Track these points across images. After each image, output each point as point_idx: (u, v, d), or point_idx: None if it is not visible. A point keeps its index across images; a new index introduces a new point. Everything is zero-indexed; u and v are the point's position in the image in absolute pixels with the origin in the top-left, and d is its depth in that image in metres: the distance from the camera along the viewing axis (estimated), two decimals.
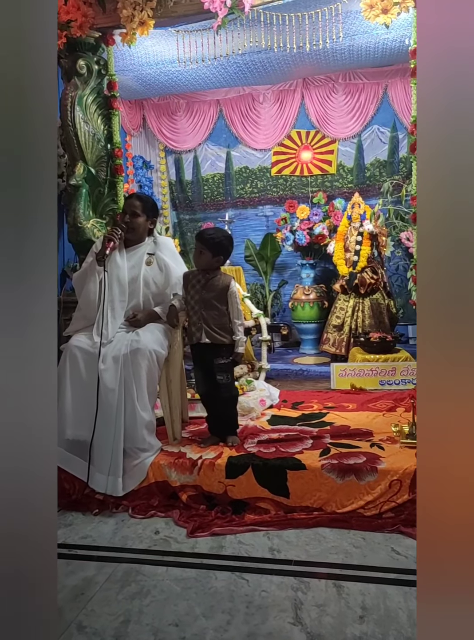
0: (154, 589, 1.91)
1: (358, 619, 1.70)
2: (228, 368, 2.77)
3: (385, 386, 4.01)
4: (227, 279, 2.76)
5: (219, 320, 2.72)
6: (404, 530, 2.23)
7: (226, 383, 2.75)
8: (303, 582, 1.91)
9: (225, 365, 2.74)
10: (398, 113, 5.71)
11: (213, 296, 2.71)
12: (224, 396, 2.79)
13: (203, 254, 2.71)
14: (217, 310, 2.71)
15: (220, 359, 2.72)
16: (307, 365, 5.08)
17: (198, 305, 2.73)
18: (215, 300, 2.71)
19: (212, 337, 2.72)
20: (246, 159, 6.35)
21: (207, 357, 2.75)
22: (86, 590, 1.91)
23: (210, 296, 2.71)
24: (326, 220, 5.68)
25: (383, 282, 4.95)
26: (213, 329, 2.71)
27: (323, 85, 5.84)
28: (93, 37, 3.66)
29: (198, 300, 2.72)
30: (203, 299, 2.71)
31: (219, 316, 2.72)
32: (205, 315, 2.71)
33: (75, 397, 2.63)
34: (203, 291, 2.72)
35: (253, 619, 1.73)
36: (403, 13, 3.20)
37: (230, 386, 2.80)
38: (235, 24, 3.59)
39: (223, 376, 2.74)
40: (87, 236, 3.63)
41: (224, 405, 2.82)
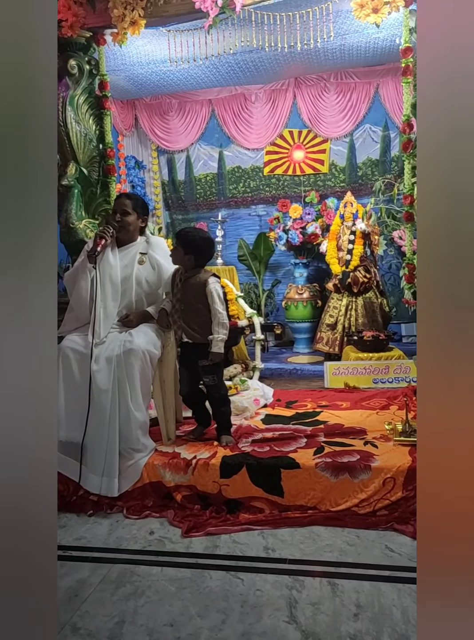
0: (149, 590, 1.91)
1: (353, 617, 1.71)
2: (214, 369, 2.72)
3: (379, 384, 4.03)
4: (205, 276, 2.71)
5: (198, 319, 2.69)
6: (398, 527, 2.24)
7: (213, 384, 2.74)
8: (298, 581, 1.92)
9: (210, 367, 2.70)
10: (390, 112, 5.72)
11: (191, 294, 2.69)
12: (214, 396, 2.79)
13: (176, 250, 2.72)
14: (195, 309, 2.68)
15: (204, 361, 2.68)
16: (301, 364, 5.09)
17: (179, 304, 2.72)
18: (193, 299, 2.69)
19: (191, 336, 2.70)
20: (238, 159, 6.35)
21: (192, 357, 2.73)
22: (80, 592, 1.91)
23: (189, 294, 2.69)
24: (318, 219, 5.69)
25: (375, 280, 4.97)
26: (193, 327, 2.69)
27: (314, 85, 5.85)
28: (84, 37, 3.65)
29: (179, 299, 2.71)
30: (183, 297, 2.69)
31: (198, 315, 2.69)
32: (185, 314, 2.70)
33: (68, 399, 2.62)
34: (183, 289, 2.70)
35: (248, 618, 1.73)
36: (393, 12, 3.21)
37: (218, 386, 2.78)
38: (227, 23, 3.58)
39: (209, 378, 2.72)
40: (79, 237, 3.61)
41: (215, 405, 2.82)
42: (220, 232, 5.29)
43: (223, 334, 2.66)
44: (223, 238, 5.32)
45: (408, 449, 2.54)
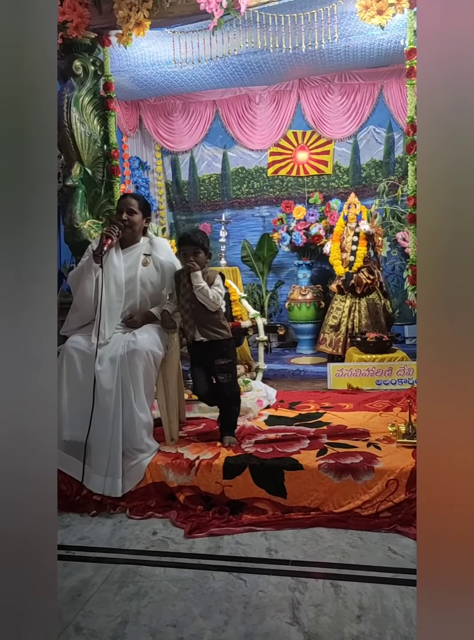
0: (152, 590, 1.91)
1: (356, 619, 1.71)
2: (229, 368, 2.78)
3: (382, 386, 4.02)
4: (212, 275, 2.76)
5: (211, 316, 2.71)
6: (401, 529, 2.24)
7: (227, 382, 2.77)
8: (301, 582, 1.92)
9: (226, 366, 2.75)
10: (394, 114, 5.72)
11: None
12: (227, 395, 2.81)
13: (198, 253, 2.73)
14: (207, 307, 2.70)
15: (221, 360, 2.73)
16: (304, 365, 5.09)
17: (188, 304, 2.73)
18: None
19: (205, 334, 2.71)
20: (242, 160, 6.35)
21: (207, 356, 2.76)
22: (83, 592, 1.91)
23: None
24: (322, 220, 5.69)
25: (379, 282, 4.96)
26: (206, 325, 2.71)
27: (318, 86, 5.86)
28: (90, 38, 3.66)
29: (189, 299, 2.72)
30: (193, 296, 2.70)
31: (210, 312, 2.71)
32: (196, 312, 2.71)
33: (72, 398, 2.63)
34: (192, 289, 2.70)
35: (250, 619, 1.73)
36: (398, 14, 3.21)
37: (232, 384, 2.82)
38: (231, 24, 3.59)
39: (224, 376, 2.76)
40: (83, 237, 3.62)
41: (227, 404, 2.84)
42: (223, 233, 5.28)
43: (213, 294, 2.66)
44: (226, 239, 5.32)
45: (411, 451, 2.54)
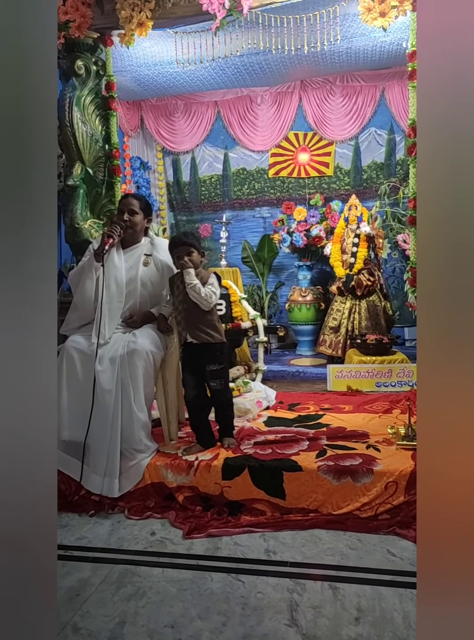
0: (150, 591, 1.91)
1: (354, 621, 1.71)
2: (221, 374, 2.72)
3: (381, 388, 4.02)
4: (206, 274, 2.73)
5: (204, 317, 2.69)
6: (400, 531, 2.24)
7: (219, 388, 2.73)
8: (299, 584, 1.92)
9: (217, 372, 2.70)
10: (395, 116, 5.72)
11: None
12: (220, 400, 2.78)
13: (192, 254, 2.71)
14: (199, 308, 2.67)
15: (212, 365, 2.68)
16: (303, 366, 5.09)
17: (182, 305, 2.71)
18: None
19: (197, 336, 2.67)
20: (243, 161, 6.35)
21: (198, 360, 2.71)
22: (82, 592, 1.91)
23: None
24: (323, 222, 5.69)
25: (379, 284, 4.96)
26: (197, 326, 2.67)
27: (320, 88, 5.85)
28: (92, 38, 3.67)
29: (182, 300, 2.70)
30: (186, 297, 2.67)
31: (202, 314, 2.68)
32: (188, 313, 2.69)
33: (72, 398, 2.63)
34: (185, 290, 2.67)
35: (248, 620, 1.73)
36: (400, 16, 3.21)
37: (224, 390, 2.77)
38: (234, 25, 3.59)
39: (216, 382, 2.71)
40: (84, 237, 3.63)
41: (221, 409, 2.81)
42: (224, 234, 5.29)
43: (206, 291, 2.63)
44: (227, 240, 5.32)
45: (410, 453, 2.54)
